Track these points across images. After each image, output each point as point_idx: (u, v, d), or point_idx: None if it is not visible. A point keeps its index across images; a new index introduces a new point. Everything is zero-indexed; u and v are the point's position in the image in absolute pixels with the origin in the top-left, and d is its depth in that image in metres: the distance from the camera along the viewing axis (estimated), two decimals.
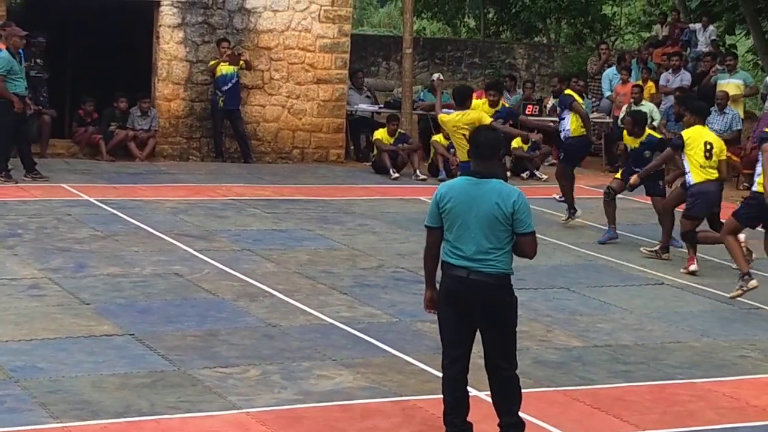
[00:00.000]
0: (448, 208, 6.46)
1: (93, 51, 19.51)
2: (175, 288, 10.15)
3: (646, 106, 19.45)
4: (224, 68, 17.83)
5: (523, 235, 6.44)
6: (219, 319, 9.24)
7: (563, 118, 14.46)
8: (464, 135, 11.56)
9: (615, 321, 9.99)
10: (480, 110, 12.53)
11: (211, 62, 17.84)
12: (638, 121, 13.48)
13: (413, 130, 19.35)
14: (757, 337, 9.69)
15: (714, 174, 11.92)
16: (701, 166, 11.88)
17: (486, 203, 6.38)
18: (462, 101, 12.35)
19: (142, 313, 9.29)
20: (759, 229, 11.62)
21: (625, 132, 13.53)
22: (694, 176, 11.90)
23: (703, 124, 12.27)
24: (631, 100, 19.23)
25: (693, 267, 11.97)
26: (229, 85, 17.91)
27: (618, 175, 13.64)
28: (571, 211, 14.38)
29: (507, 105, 14.75)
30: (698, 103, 13.07)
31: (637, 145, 13.29)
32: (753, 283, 10.62)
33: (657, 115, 19.48)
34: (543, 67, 28.57)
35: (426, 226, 6.65)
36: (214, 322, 9.12)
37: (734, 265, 11.45)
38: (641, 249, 12.92)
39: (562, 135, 14.54)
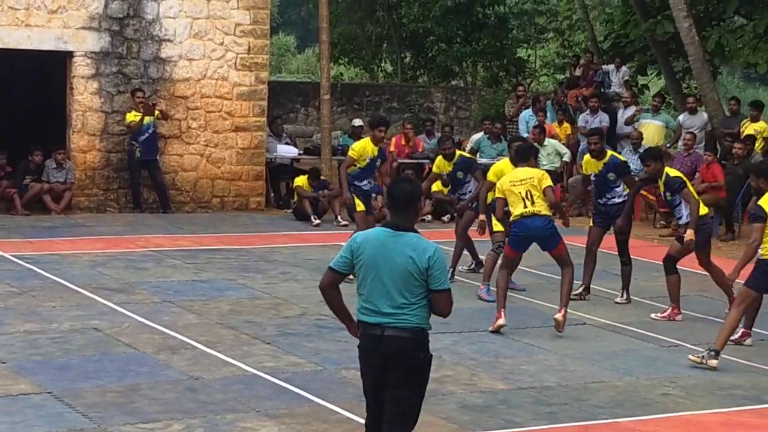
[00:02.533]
0: (362, 259, 6.29)
1: (5, 104, 19.25)
2: (94, 343, 9.98)
3: (550, 145, 19.64)
4: (140, 118, 17.68)
5: (437, 292, 6.25)
6: (140, 373, 9.09)
7: (467, 181, 13.62)
8: (520, 192, 11.16)
9: (538, 362, 10.02)
10: (542, 171, 11.78)
11: (129, 118, 17.63)
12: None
13: (333, 176, 19.33)
14: (678, 374, 9.77)
15: None
16: None
17: (400, 257, 6.21)
18: (525, 158, 11.68)
19: (60, 369, 9.11)
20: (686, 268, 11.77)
21: (586, 156, 12.94)
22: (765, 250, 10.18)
23: None
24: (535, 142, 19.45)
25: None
26: (146, 135, 17.77)
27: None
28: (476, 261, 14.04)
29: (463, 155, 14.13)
30: None
31: (600, 167, 12.58)
32: (714, 363, 9.87)
33: (564, 150, 19.71)
34: (461, 110, 28.80)
35: (330, 268, 6.41)
36: (134, 377, 8.97)
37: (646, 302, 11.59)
38: (616, 300, 12.64)
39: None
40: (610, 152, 12.85)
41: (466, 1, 29.26)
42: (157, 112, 17.83)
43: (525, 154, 11.74)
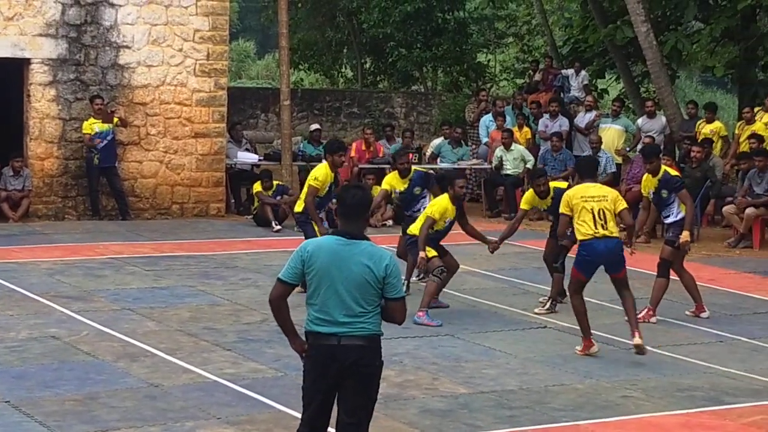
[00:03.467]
0: (315, 268, 6.17)
1: None
2: (53, 351, 9.88)
3: (516, 150, 19.76)
4: (98, 125, 17.57)
5: (393, 300, 6.19)
6: (99, 381, 9.01)
7: (423, 197, 13.24)
8: (593, 209, 10.36)
9: (500, 366, 10.02)
10: (615, 191, 11.00)
11: (86, 128, 17.50)
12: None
13: (294, 182, 19.29)
14: (639, 376, 9.80)
15: None
16: None
17: (356, 266, 6.11)
18: (591, 174, 10.95)
19: (18, 378, 9.01)
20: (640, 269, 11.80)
21: (530, 191, 12.43)
22: None
23: None
24: (501, 146, 19.58)
25: None
26: (104, 142, 17.65)
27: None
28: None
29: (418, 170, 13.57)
30: None
31: (549, 204, 12.23)
32: None
33: (529, 157, 19.81)
34: (421, 115, 28.86)
35: (279, 279, 6.26)
36: (93, 385, 8.89)
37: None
38: (535, 310, 12.38)
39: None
40: (553, 184, 12.29)
41: (426, 6, 29.33)
42: (115, 119, 17.72)
43: (590, 169, 10.98)
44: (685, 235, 11.70)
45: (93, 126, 17.56)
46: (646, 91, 25.93)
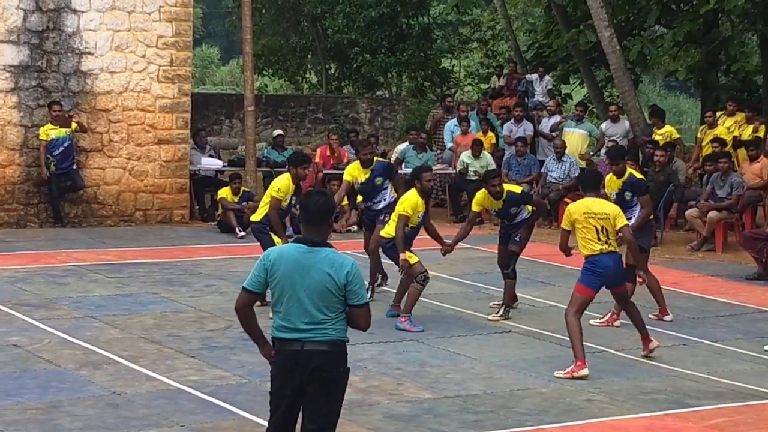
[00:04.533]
0: (277, 277, 6.18)
1: None
2: (14, 360, 9.81)
3: (484, 158, 19.81)
4: (55, 131, 17.44)
5: (356, 307, 6.19)
6: (61, 389, 8.95)
7: (385, 188, 13.14)
8: (596, 226, 10.23)
9: (464, 371, 10.03)
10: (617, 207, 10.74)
11: (42, 134, 17.38)
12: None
13: (258, 188, 19.23)
14: (602, 380, 9.83)
15: None
16: None
17: (317, 273, 6.12)
18: (594, 188, 10.63)
19: None
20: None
21: (483, 191, 12.23)
22: None
23: None
24: (469, 151, 19.63)
25: None
26: (61, 148, 17.50)
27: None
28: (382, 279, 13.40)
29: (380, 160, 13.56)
30: None
31: (500, 206, 12.12)
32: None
33: (493, 166, 19.83)
34: (386, 121, 28.87)
35: (244, 288, 6.29)
36: (55, 393, 8.83)
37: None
38: (489, 317, 12.27)
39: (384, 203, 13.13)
40: (507, 187, 12.19)
41: (391, 12, 29.35)
42: (74, 125, 17.60)
43: (594, 183, 10.68)
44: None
45: (49, 132, 17.43)
46: (610, 96, 26.06)
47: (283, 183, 12.17)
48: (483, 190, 12.23)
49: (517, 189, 12.52)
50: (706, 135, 19.06)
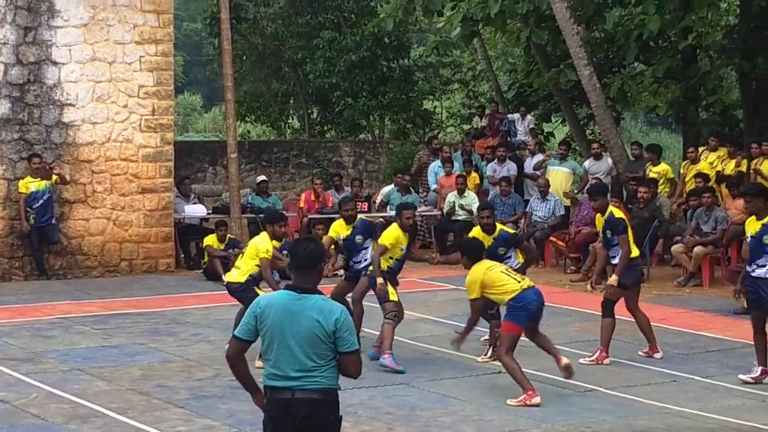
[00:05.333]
0: (267, 324, 6.15)
1: None
2: (1, 415, 9.73)
3: (469, 196, 19.86)
4: (35, 184, 17.40)
5: (346, 354, 6.15)
6: None
7: (365, 247, 12.85)
8: (502, 272, 10.76)
9: (455, 413, 9.98)
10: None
11: (21, 187, 17.35)
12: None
13: (243, 234, 19.20)
14: (593, 419, 9.79)
15: None
16: None
17: (306, 320, 6.08)
18: (476, 257, 10.98)
19: None
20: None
21: (477, 228, 12.51)
22: None
23: None
24: (455, 192, 19.67)
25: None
26: (41, 201, 17.45)
27: None
28: None
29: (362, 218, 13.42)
30: None
31: (490, 242, 12.19)
32: None
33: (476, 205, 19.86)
34: (369, 164, 28.89)
35: (235, 336, 6.29)
36: None
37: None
38: (478, 359, 12.31)
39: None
40: (500, 227, 12.44)
41: (371, 55, 29.47)
42: (54, 177, 17.56)
43: (476, 253, 11.04)
44: (612, 279, 11.88)
45: (29, 185, 17.39)
46: (592, 133, 26.15)
47: (267, 245, 12.15)
48: (477, 227, 12.44)
49: (511, 230, 12.62)
50: (689, 170, 19.12)
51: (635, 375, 11.44)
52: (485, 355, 12.20)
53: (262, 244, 12.17)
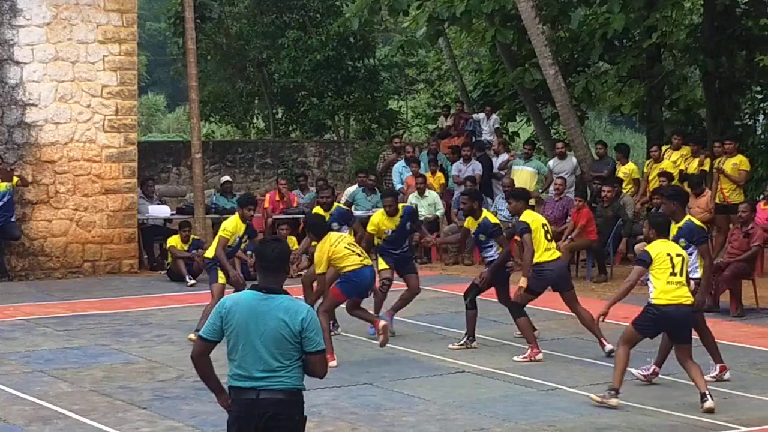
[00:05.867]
0: (232, 325, 6.13)
1: None
2: None
3: (431, 196, 19.85)
4: None
5: (312, 354, 6.13)
6: None
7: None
8: (347, 247, 11.95)
9: (419, 413, 9.98)
10: None
11: None
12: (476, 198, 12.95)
13: (207, 235, 19.13)
14: (556, 417, 9.82)
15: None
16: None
17: (272, 320, 6.07)
18: (319, 233, 12.00)
19: None
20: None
21: (381, 211, 13.43)
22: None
23: None
24: (416, 192, 19.67)
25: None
26: (1, 203, 17.32)
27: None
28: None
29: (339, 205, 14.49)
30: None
31: (476, 227, 12.65)
32: (614, 402, 10.10)
33: (440, 206, 19.87)
34: (335, 164, 28.85)
35: (200, 336, 6.27)
36: None
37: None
38: (449, 346, 12.67)
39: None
40: (486, 214, 12.69)
41: (336, 55, 29.42)
42: (15, 179, 17.44)
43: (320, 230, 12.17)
44: (521, 282, 12.07)
45: None
46: (557, 133, 26.22)
47: (230, 223, 13.00)
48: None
49: (494, 220, 12.81)
50: (652, 169, 19.20)
51: (598, 373, 11.46)
52: (458, 342, 12.63)
53: (227, 223, 13.02)
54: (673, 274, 10.12)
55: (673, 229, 10.93)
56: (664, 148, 19.85)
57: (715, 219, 17.84)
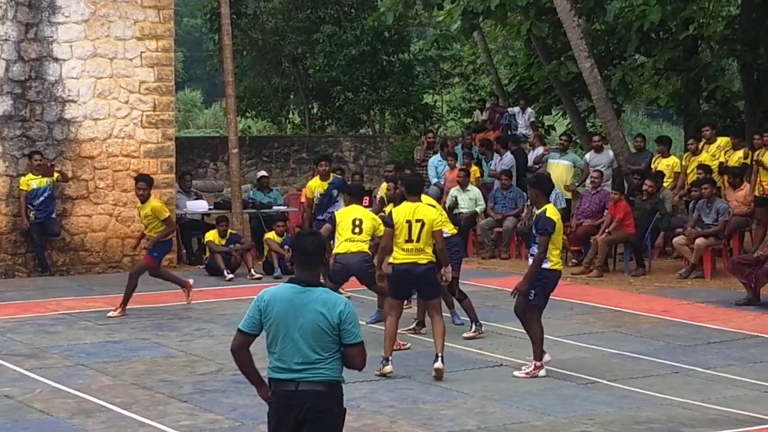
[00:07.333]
0: (272, 317, 6.19)
1: None
2: (6, 411, 9.76)
3: (473, 191, 19.86)
4: (36, 181, 17.42)
5: (350, 346, 6.17)
6: None
7: (337, 200, 15.09)
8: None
9: (457, 406, 10.00)
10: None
11: (22, 184, 17.38)
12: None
13: (245, 230, 19.24)
14: (596, 411, 9.81)
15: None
16: None
17: (310, 313, 6.12)
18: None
19: None
20: None
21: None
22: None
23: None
24: (457, 186, 19.66)
25: None
26: (41, 198, 17.47)
27: None
28: None
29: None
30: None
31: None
32: (389, 369, 10.93)
33: (481, 201, 19.84)
34: (370, 158, 28.91)
35: (239, 330, 6.32)
36: None
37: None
38: (464, 335, 12.80)
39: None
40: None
41: (371, 49, 29.48)
42: (56, 174, 17.58)
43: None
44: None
45: (30, 182, 17.41)
46: (593, 126, 26.16)
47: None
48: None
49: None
50: (690, 162, 19.09)
51: (637, 367, 11.46)
52: (471, 331, 12.90)
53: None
54: (409, 240, 11.06)
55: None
56: (702, 140, 19.73)
57: (755, 212, 17.71)
